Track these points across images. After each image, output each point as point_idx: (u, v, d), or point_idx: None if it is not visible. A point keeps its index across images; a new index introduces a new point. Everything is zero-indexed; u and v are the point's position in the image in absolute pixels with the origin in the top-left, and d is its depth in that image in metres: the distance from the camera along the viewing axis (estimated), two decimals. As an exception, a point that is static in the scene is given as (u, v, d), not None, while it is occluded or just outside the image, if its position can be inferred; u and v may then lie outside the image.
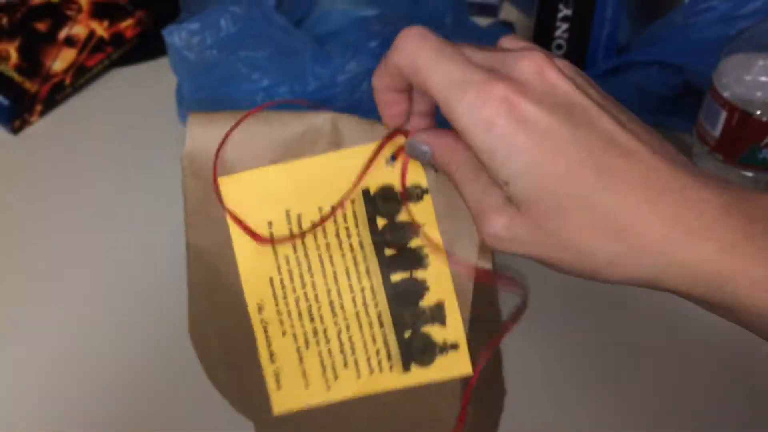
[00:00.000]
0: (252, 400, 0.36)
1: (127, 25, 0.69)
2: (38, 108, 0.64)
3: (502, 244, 0.26)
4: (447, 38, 0.27)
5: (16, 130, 0.63)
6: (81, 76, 0.66)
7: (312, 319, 0.33)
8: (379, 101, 0.30)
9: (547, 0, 0.60)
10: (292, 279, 0.32)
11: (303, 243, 0.32)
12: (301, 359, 0.33)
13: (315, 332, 0.33)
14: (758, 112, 0.41)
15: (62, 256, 0.54)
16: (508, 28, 0.64)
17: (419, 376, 0.33)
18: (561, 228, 0.25)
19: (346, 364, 0.33)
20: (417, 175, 0.31)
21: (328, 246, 0.32)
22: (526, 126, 0.24)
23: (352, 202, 0.31)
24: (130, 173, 0.60)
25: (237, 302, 0.34)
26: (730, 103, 0.42)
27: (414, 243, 0.32)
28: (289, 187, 0.32)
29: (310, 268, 0.32)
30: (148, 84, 0.67)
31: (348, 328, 0.33)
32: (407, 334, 0.33)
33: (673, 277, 0.24)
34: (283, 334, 0.33)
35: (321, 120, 0.31)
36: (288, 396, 0.34)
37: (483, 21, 0.70)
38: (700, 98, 0.48)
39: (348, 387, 0.34)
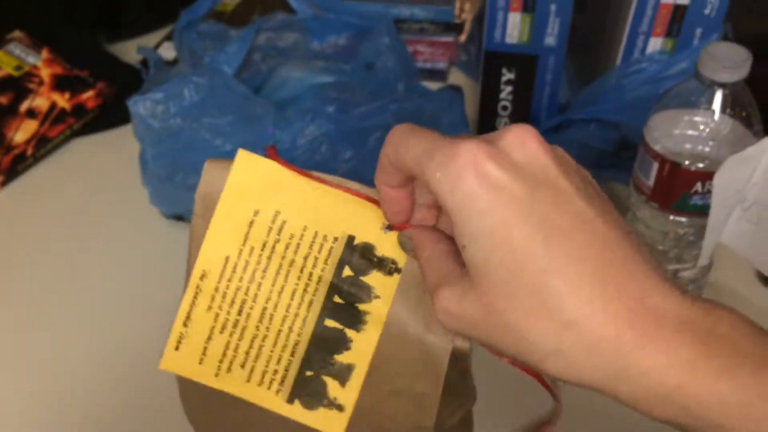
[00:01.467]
0: None
1: (88, 96, 0.71)
2: (0, 179, 0.65)
3: (451, 321, 0.26)
4: (399, 103, 0.30)
5: (-23, 201, 0.64)
6: (42, 147, 0.67)
7: (239, 312, 0.34)
8: (381, 200, 0.30)
9: (491, 65, 0.64)
10: (245, 270, 0.34)
11: (273, 246, 0.33)
12: (209, 338, 0.35)
13: (235, 324, 0.34)
14: (686, 163, 0.45)
15: (25, 323, 0.54)
16: (456, 91, 0.68)
17: (297, 413, 0.35)
18: (508, 309, 0.24)
19: (243, 365, 0.34)
20: (399, 254, 0.33)
21: (292, 262, 0.33)
22: (492, 189, 0.24)
23: (335, 239, 0.33)
24: (93, 240, 0.61)
25: None
26: (661, 156, 0.45)
27: (362, 306, 0.33)
28: (289, 195, 0.33)
29: (265, 270, 0.33)
30: (110, 152, 0.69)
31: (264, 338, 0.34)
32: (308, 374, 0.34)
33: (631, 387, 0.23)
34: (208, 308, 0.34)
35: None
36: (179, 360, 0.35)
37: (433, 85, 0.74)
38: (635, 152, 0.52)
39: (233, 384, 0.35)
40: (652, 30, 0.58)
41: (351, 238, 0.33)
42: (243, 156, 0.34)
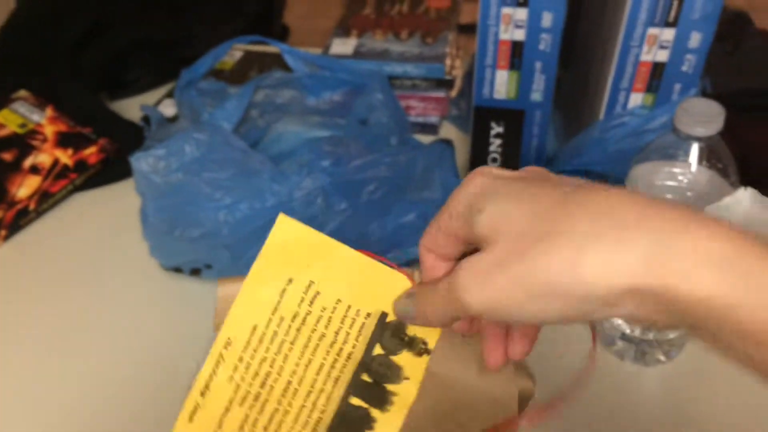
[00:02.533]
0: None
1: (90, 152, 0.73)
2: (2, 233, 0.66)
3: (480, 293, 0.27)
4: (392, 156, 0.32)
5: (-21, 255, 0.65)
6: (45, 202, 0.69)
7: (262, 385, 0.33)
8: (422, 265, 0.32)
9: (480, 119, 0.67)
10: (272, 340, 0.33)
11: (305, 318, 0.33)
12: (227, 410, 0.33)
13: (256, 397, 0.33)
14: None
15: (29, 377, 0.55)
16: (447, 144, 0.71)
17: None
18: (527, 247, 0.26)
19: None
20: (431, 335, 0.33)
21: (322, 336, 0.33)
22: (495, 177, 0.29)
23: (368, 315, 0.32)
24: (94, 292, 0.62)
25: None
26: (643, 205, 0.47)
27: (390, 387, 0.33)
28: (325, 265, 0.32)
29: (294, 342, 0.33)
30: (110, 206, 0.70)
31: (285, 413, 0.33)
32: None
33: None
34: (230, 379, 0.33)
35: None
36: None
37: (425, 138, 0.76)
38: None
39: None
40: (632, 86, 0.60)
41: (384, 315, 0.32)
42: (283, 220, 0.33)
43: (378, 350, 0.33)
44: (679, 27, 0.57)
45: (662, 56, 0.59)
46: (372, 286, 0.32)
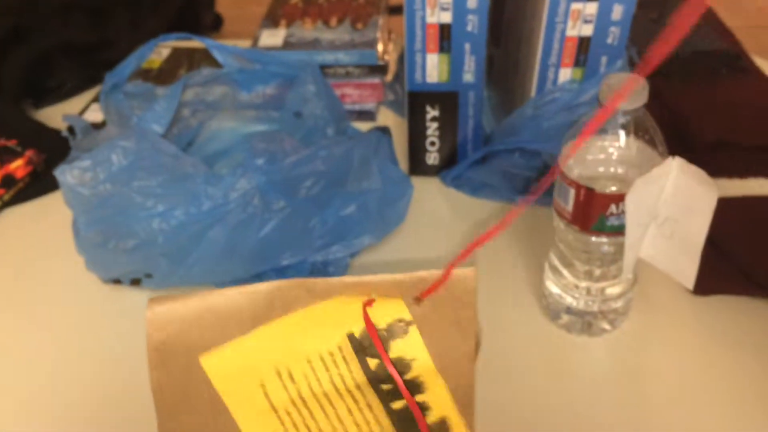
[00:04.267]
0: None
1: (17, 165, 0.70)
2: (-71, 257, 0.64)
3: None
4: (328, 149, 0.30)
5: None
6: (-27, 221, 0.66)
7: None
8: None
9: (415, 104, 0.67)
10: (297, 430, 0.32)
11: (300, 395, 0.32)
12: None
13: None
14: (600, 187, 0.47)
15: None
16: (383, 132, 0.70)
17: None
18: None
19: None
20: (398, 311, 0.32)
21: (325, 394, 0.32)
22: None
23: (340, 348, 0.32)
24: (33, 309, 0.60)
25: None
26: (576, 182, 0.48)
27: (409, 375, 0.33)
28: (273, 347, 0.32)
29: (312, 416, 0.32)
30: (42, 220, 0.68)
31: None
32: None
33: None
34: None
35: (289, 284, 0.31)
36: None
37: (364, 126, 0.76)
38: (555, 178, 0.54)
39: None
40: (560, 61, 0.61)
41: (351, 336, 0.32)
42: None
43: (373, 362, 0.33)
44: (601, 0, 0.57)
45: (587, 30, 0.59)
46: (318, 327, 0.32)
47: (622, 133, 0.47)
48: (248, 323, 0.31)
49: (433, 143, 0.69)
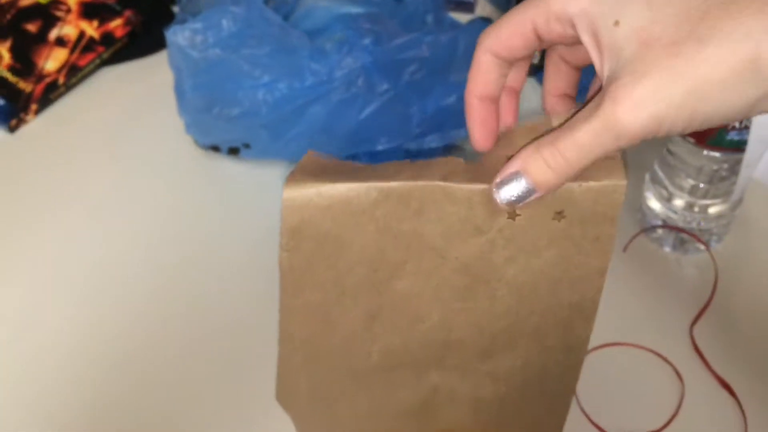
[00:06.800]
0: None
1: (116, 24, 0.70)
2: (33, 107, 0.65)
3: (641, 107, 0.24)
4: (433, 35, 0.29)
5: (12, 129, 0.64)
6: (74, 75, 0.67)
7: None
8: (477, 67, 0.30)
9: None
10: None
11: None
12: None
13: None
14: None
15: (61, 254, 0.56)
16: (486, 22, 0.68)
17: None
18: (695, 23, 0.24)
19: None
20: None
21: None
22: None
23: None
24: (128, 168, 0.61)
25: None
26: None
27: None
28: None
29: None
30: (140, 81, 0.69)
31: None
32: None
33: None
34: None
35: (425, 187, 0.30)
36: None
37: (462, 17, 0.73)
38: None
39: None
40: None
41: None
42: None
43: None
44: None
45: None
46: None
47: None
48: (381, 220, 0.30)
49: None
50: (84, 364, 0.48)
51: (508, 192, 0.28)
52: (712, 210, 0.51)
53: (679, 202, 0.52)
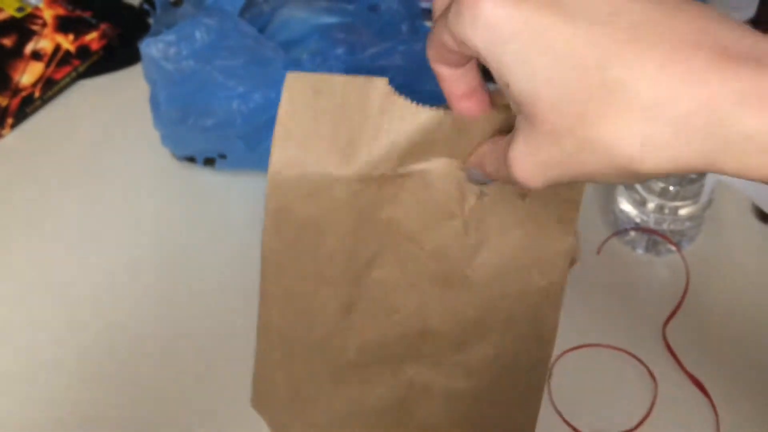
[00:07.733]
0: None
1: (92, 38, 0.70)
2: (9, 121, 0.65)
3: (532, 172, 0.23)
4: (407, 44, 0.30)
5: (-12, 144, 0.64)
6: (50, 89, 0.67)
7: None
8: (439, 78, 0.29)
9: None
10: None
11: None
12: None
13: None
14: None
15: (38, 267, 0.55)
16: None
17: None
18: (577, 124, 0.21)
19: None
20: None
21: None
22: (511, 6, 0.21)
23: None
24: (105, 180, 0.62)
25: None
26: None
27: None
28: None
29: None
30: (116, 94, 0.69)
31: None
32: None
33: (735, 155, 0.19)
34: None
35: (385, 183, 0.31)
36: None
37: (436, 26, 0.74)
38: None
39: None
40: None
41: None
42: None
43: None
44: None
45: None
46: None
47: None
48: (360, 208, 0.31)
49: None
50: (59, 376, 0.48)
51: (474, 175, 0.31)
52: (682, 212, 0.52)
53: (650, 205, 0.53)
